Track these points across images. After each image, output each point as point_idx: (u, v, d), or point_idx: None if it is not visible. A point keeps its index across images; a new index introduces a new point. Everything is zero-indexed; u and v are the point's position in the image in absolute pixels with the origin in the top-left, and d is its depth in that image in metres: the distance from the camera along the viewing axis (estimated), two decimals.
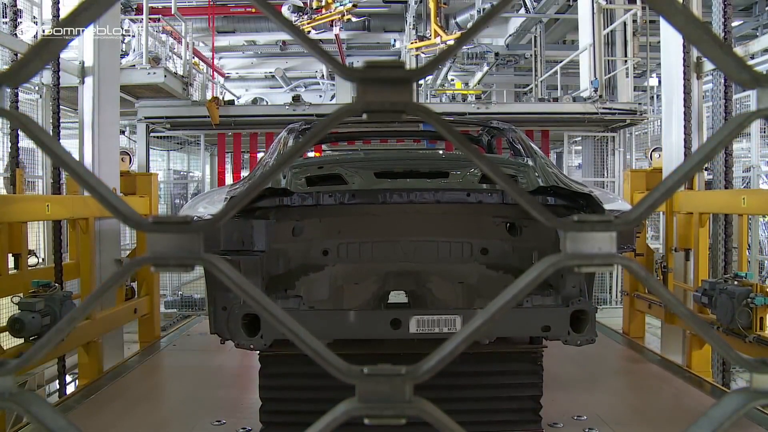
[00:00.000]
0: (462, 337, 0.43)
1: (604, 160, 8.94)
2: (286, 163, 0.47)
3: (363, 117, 0.44)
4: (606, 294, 8.79)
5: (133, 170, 6.12)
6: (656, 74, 12.54)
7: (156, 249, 0.44)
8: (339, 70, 0.44)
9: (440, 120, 0.44)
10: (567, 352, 4.78)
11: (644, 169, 6.26)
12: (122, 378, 4.22)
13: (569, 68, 10.90)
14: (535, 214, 0.46)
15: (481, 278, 2.89)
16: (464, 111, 8.34)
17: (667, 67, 5.75)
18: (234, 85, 16.35)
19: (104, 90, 5.41)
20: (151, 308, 5.67)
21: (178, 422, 3.34)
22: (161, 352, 5.09)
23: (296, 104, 8.21)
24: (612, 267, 0.48)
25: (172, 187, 9.71)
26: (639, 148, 9.64)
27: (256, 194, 0.49)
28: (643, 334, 5.79)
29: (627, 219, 0.46)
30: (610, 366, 4.55)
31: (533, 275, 0.46)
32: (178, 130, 8.64)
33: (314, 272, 2.82)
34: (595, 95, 8.44)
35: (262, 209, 2.50)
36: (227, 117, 8.16)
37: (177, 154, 10.18)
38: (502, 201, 2.51)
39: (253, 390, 3.05)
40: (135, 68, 7.58)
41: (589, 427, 3.16)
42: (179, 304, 8.71)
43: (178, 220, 0.44)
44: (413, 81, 0.43)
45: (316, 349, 0.42)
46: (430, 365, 0.43)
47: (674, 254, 5.35)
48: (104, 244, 5.11)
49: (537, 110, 8.56)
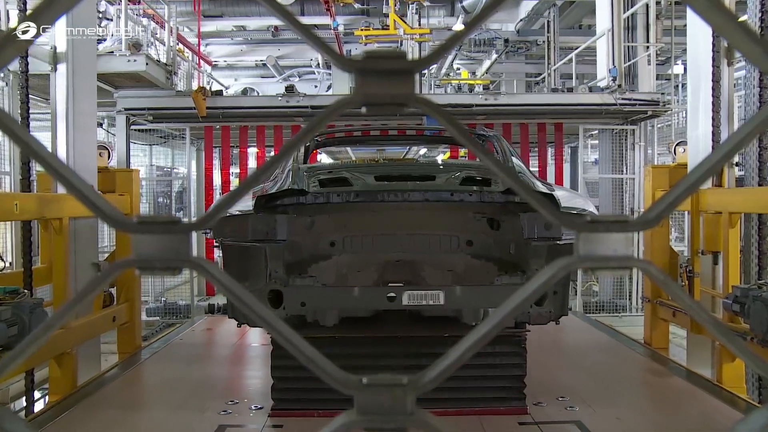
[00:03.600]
0: (468, 344, 0.44)
1: (623, 155, 8.94)
2: (278, 161, 0.48)
3: (362, 110, 0.45)
4: (625, 300, 8.79)
5: (112, 166, 6.13)
6: (681, 61, 12.50)
7: (141, 251, 0.45)
8: (336, 60, 0.45)
9: (445, 114, 0.44)
10: (583, 363, 4.82)
11: (667, 165, 6.26)
12: (99, 392, 4.23)
13: (585, 55, 10.91)
14: (544, 213, 0.47)
15: (467, 267, 3.61)
16: (471, 102, 8.35)
17: (694, 52, 5.69)
18: (222, 74, 16.37)
19: (79, 78, 5.37)
20: (131, 316, 5.68)
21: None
22: (142, 363, 5.10)
23: (290, 95, 8.23)
24: (628, 270, 0.49)
25: (155, 185, 9.72)
26: (662, 142, 9.64)
27: (243, 195, 0.53)
28: (667, 344, 5.79)
29: (645, 219, 0.47)
30: (630, 379, 4.55)
31: (544, 279, 0.47)
32: (162, 122, 8.65)
33: (323, 261, 3.53)
34: (613, 85, 8.44)
35: (282, 206, 3.30)
36: (215, 109, 8.18)
37: (160, 149, 10.20)
38: (480, 200, 3.33)
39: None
40: (113, 55, 7.54)
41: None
42: (162, 311, 8.72)
43: (165, 219, 0.45)
44: (415, 72, 0.44)
45: (311, 357, 0.43)
46: (433, 375, 0.43)
47: (701, 257, 5.34)
48: (80, 247, 5.08)
49: (550, 101, 8.57)
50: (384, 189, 3.32)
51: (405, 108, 0.43)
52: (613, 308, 8.68)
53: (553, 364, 4.76)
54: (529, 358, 3.73)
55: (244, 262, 3.35)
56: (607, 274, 0.48)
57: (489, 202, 3.36)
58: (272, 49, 15.24)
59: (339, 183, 3.38)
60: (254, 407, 3.78)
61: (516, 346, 3.64)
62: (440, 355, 0.41)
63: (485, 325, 0.44)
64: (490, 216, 3.58)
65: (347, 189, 3.31)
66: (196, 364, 5.01)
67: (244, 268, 3.33)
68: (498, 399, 3.63)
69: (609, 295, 8.95)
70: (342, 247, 3.55)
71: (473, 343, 0.44)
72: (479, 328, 0.44)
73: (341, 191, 3.30)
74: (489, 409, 3.59)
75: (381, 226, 3.57)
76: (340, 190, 3.31)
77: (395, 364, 3.56)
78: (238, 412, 3.75)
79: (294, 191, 3.26)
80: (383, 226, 3.56)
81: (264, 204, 3.22)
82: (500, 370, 3.63)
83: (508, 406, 3.63)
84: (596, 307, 8.70)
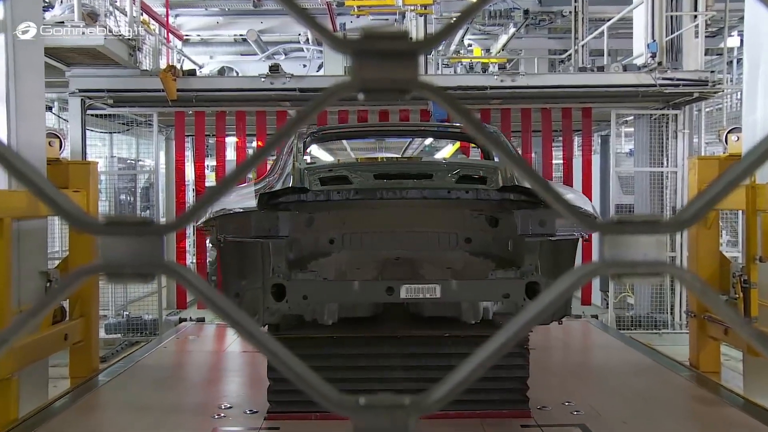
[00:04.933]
0: (480, 359, 0.45)
1: (663, 145, 8.93)
2: (264, 154, 0.50)
3: (359, 97, 0.46)
4: (666, 315, 8.79)
5: (65, 157, 6.14)
6: (737, 32, 12.45)
7: (109, 255, 0.47)
8: (329, 40, 0.46)
9: (452, 101, 0.46)
10: (617, 387, 4.83)
11: (717, 156, 6.25)
12: (46, 425, 4.20)
13: (619, 28, 10.92)
14: (566, 213, 0.48)
15: (466, 264, 4.19)
16: (484, 85, 8.38)
17: (753, 22, 5.58)
18: (195, 51, 16.37)
19: (22, 53, 5.23)
20: (87, 333, 5.66)
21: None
22: (100, 389, 5.09)
23: (274, 76, 8.26)
24: (660, 277, 0.50)
25: (117, 180, 9.73)
26: (710, 130, 9.63)
27: (224, 192, 0.56)
28: (719, 368, 5.74)
29: (680, 219, 0.49)
30: (673, 408, 4.50)
31: (567, 284, 0.48)
32: (124, 106, 8.68)
33: (323, 258, 4.13)
34: (652, 62, 8.45)
35: (284, 203, 3.75)
36: (187, 91, 8.21)
37: (122, 138, 10.20)
38: (477, 197, 3.76)
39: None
40: (65, 26, 7.39)
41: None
42: (124, 327, 8.73)
43: (136, 220, 0.47)
44: (419, 54, 0.45)
45: (302, 375, 0.45)
46: (438, 395, 0.45)
47: (759, 265, 5.28)
48: (25, 252, 5.01)
49: (577, 82, 8.59)
50: (382, 187, 3.79)
51: (407, 94, 0.45)
52: (651, 324, 8.70)
53: (580, 389, 4.77)
54: (553, 380, 4.07)
55: (246, 259, 3.89)
56: (637, 281, 0.49)
57: (486, 199, 3.83)
58: (254, 21, 15.24)
59: (339, 181, 3.85)
60: (249, 411, 4.26)
61: (518, 347, 4.00)
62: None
63: (501, 335, 0.45)
64: (487, 213, 4.12)
65: (347, 187, 3.79)
66: (165, 387, 5.02)
67: (246, 264, 3.90)
68: (500, 401, 4.08)
69: (647, 308, 8.96)
70: (341, 244, 4.16)
71: (486, 357, 0.45)
72: (494, 340, 0.46)
73: (341, 189, 3.78)
74: (491, 411, 4.03)
75: (379, 223, 4.13)
76: (340, 188, 3.79)
77: (395, 365, 4.14)
78: (232, 416, 4.24)
79: (296, 189, 3.72)
80: (381, 223, 4.12)
81: (266, 201, 3.69)
82: (503, 372, 4.01)
83: (510, 408, 4.08)
84: (632, 323, 8.72)
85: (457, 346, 4.05)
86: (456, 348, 4.05)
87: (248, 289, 3.88)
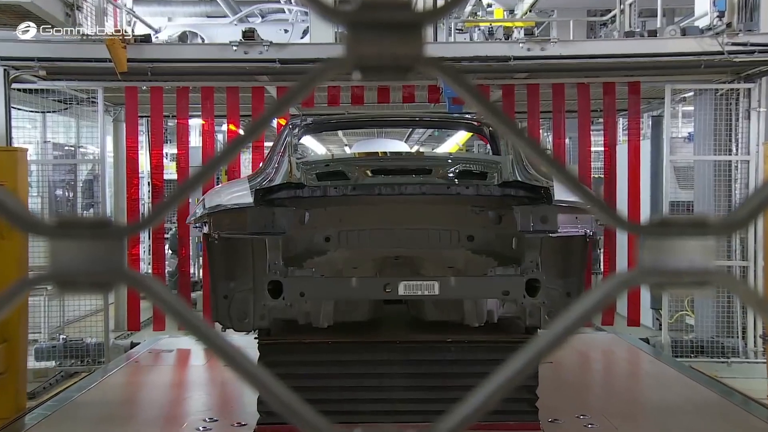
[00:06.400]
0: (497, 383, 0.47)
1: (731, 128, 8.91)
2: (241, 145, 0.52)
3: (355, 76, 0.48)
4: (736, 339, 8.78)
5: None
6: None
7: (60, 262, 0.49)
8: (319, 8, 0.48)
9: (464, 81, 0.48)
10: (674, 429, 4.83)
11: None
12: None
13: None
14: (600, 212, 0.51)
15: (468, 262, 4.73)
16: (507, 55, 8.35)
17: None
18: (150, 11, 16.37)
19: None
20: (11, 362, 5.64)
21: None
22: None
23: (249, 43, 8.25)
24: (707, 287, 0.53)
25: (51, 171, 9.73)
26: None
27: (195, 187, 0.60)
28: None
29: (732, 220, 0.51)
30: None
31: (599, 296, 0.51)
32: (61, 80, 8.66)
33: (318, 256, 4.70)
34: (720, 24, 8.41)
35: (280, 199, 4.32)
36: (140, 61, 8.20)
37: (59, 119, 10.21)
38: (477, 193, 4.35)
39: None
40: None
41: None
42: (61, 353, 8.70)
43: (93, 221, 0.49)
44: (425, 25, 0.47)
45: (288, 404, 0.47)
46: (447, 427, 0.47)
47: None
48: None
49: (622, 51, 8.56)
50: (380, 183, 4.38)
51: (411, 72, 0.47)
52: (717, 350, 8.68)
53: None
54: (600, 421, 4.45)
55: (237, 258, 4.45)
56: (681, 292, 0.50)
57: (486, 195, 4.41)
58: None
59: (335, 176, 4.46)
60: (237, 424, 4.80)
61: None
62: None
63: (535, 345, 0.48)
64: (489, 209, 4.70)
65: (344, 182, 4.36)
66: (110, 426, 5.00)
67: (237, 264, 4.49)
68: (508, 412, 4.38)
69: (710, 331, 8.96)
70: (338, 242, 4.76)
71: (498, 385, 0.47)
72: (523, 353, 0.48)
73: (338, 185, 4.35)
74: (499, 423, 4.27)
75: (377, 220, 4.75)
76: (336, 183, 4.36)
77: (395, 372, 4.58)
78: (217, 428, 4.77)
79: (291, 184, 4.31)
80: (380, 220, 4.73)
81: (261, 197, 4.24)
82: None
83: (519, 420, 4.47)
84: (692, 349, 8.71)
85: (461, 352, 4.58)
86: (460, 354, 4.57)
87: (238, 291, 4.48)
